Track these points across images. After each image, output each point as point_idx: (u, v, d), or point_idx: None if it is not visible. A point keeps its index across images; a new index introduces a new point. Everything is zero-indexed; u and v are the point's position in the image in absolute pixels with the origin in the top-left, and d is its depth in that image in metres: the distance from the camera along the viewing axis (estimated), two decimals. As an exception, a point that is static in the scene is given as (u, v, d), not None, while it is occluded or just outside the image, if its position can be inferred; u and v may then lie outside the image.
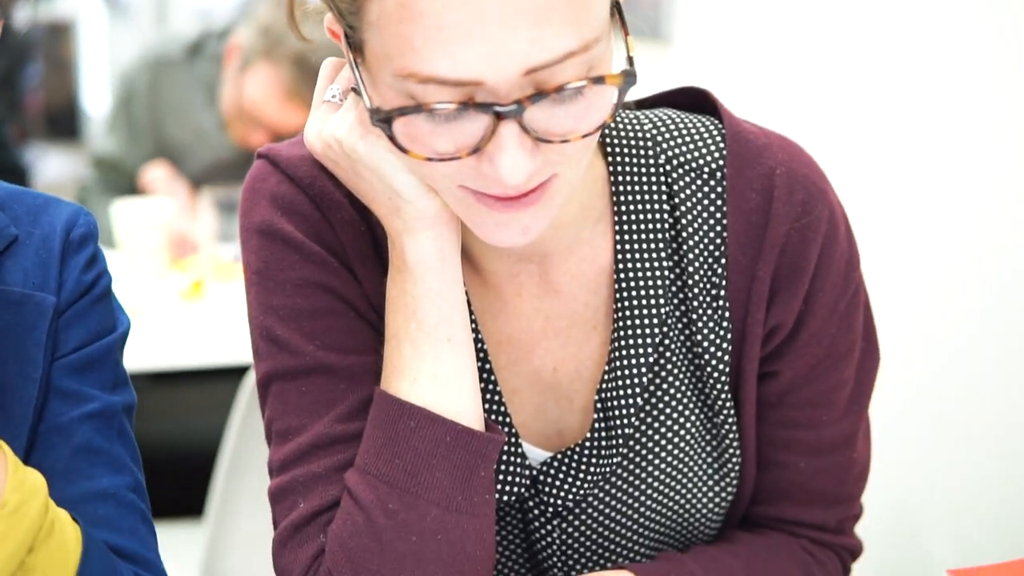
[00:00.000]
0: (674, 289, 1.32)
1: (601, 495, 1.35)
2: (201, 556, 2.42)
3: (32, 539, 1.06)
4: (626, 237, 1.32)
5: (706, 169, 1.32)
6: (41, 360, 1.20)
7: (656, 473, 1.35)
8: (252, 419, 2.25)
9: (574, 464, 1.33)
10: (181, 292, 2.90)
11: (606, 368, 1.32)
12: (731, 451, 1.36)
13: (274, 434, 1.30)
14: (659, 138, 1.34)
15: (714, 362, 1.32)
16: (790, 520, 1.43)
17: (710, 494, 1.38)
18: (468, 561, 1.21)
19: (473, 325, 1.31)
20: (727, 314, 1.32)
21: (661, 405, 1.33)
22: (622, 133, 1.33)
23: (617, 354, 1.32)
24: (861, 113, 2.42)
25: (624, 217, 1.32)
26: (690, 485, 1.37)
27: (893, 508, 2.29)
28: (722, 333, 1.32)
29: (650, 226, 1.32)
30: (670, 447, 1.35)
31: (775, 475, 1.40)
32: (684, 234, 1.31)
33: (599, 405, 1.32)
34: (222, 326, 2.77)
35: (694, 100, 1.39)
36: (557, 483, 1.34)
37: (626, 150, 1.33)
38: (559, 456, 1.34)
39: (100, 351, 1.24)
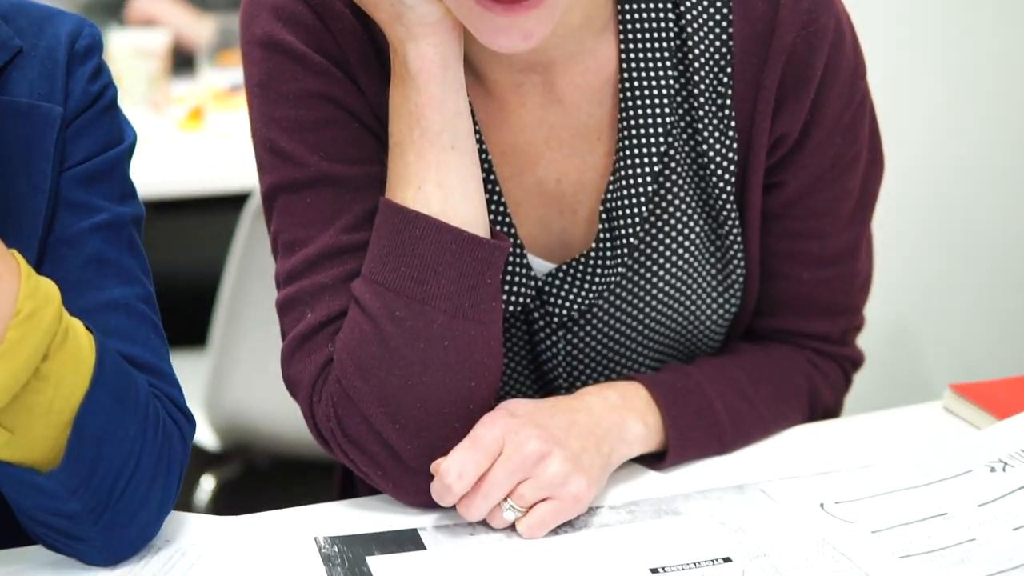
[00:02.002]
0: (679, 99, 1.32)
1: (605, 306, 1.36)
2: (204, 385, 2.44)
3: (47, 346, 1.06)
4: (631, 47, 1.31)
5: None
6: (49, 171, 1.20)
7: (660, 284, 1.36)
8: (254, 247, 2.25)
9: (578, 275, 1.34)
10: (179, 121, 2.89)
11: (611, 178, 1.32)
12: (735, 262, 1.37)
13: (280, 246, 1.30)
14: None
15: (720, 171, 1.32)
16: (794, 331, 1.44)
17: (714, 306, 1.39)
18: (476, 368, 1.22)
19: (477, 135, 1.31)
20: (733, 123, 1.32)
21: (666, 216, 1.34)
22: None
23: (622, 164, 1.32)
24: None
25: (629, 26, 1.31)
26: (694, 297, 1.38)
27: (895, 326, 2.30)
28: (728, 142, 1.32)
29: (655, 35, 1.31)
30: (675, 258, 1.35)
31: (779, 287, 1.41)
32: (690, 43, 1.31)
33: (604, 216, 1.32)
34: (222, 154, 2.76)
35: None
36: (562, 294, 1.35)
37: None
38: (563, 267, 1.34)
39: (108, 162, 1.24)
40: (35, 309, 1.05)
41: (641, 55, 1.31)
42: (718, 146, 1.32)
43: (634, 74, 1.31)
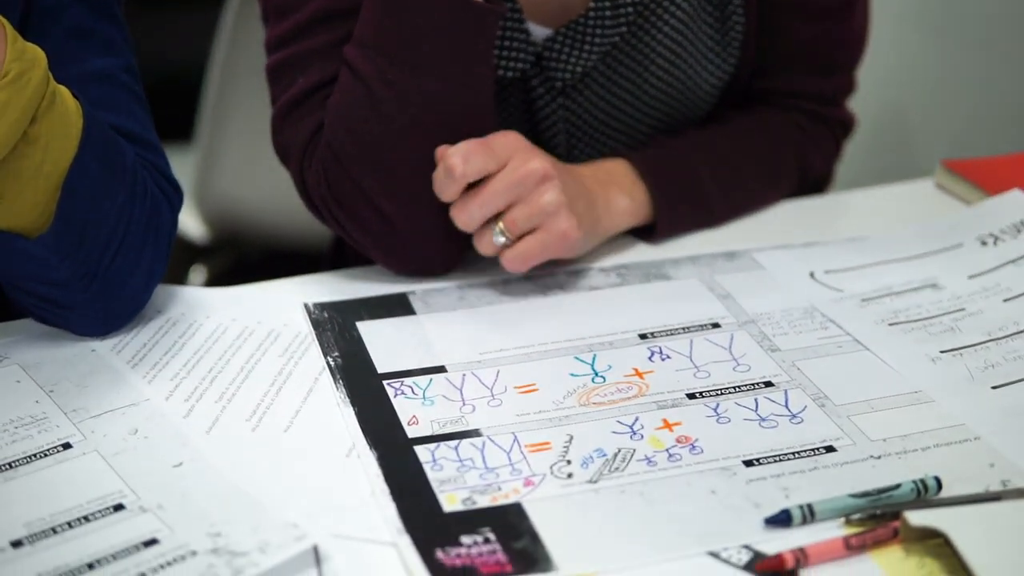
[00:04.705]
0: None
1: (604, 70, 1.35)
2: (192, 177, 2.43)
3: (34, 108, 1.05)
4: None
5: None
6: None
7: (659, 48, 1.34)
8: (239, 37, 2.22)
9: (577, 38, 1.32)
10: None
11: None
12: (734, 19, 1.35)
13: (271, 11, 1.28)
14: None
15: None
16: (786, 91, 1.43)
17: (711, 67, 1.37)
18: (467, 134, 1.21)
19: None
20: None
21: None
22: None
23: None
24: None
25: None
26: (691, 60, 1.36)
27: (888, 103, 2.29)
28: None
29: None
30: (673, 20, 1.33)
31: (774, 42, 1.39)
32: None
33: None
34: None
35: None
36: (561, 58, 1.33)
37: None
38: (562, 30, 1.32)
39: None
40: (22, 71, 1.04)
41: None
42: None
43: None
